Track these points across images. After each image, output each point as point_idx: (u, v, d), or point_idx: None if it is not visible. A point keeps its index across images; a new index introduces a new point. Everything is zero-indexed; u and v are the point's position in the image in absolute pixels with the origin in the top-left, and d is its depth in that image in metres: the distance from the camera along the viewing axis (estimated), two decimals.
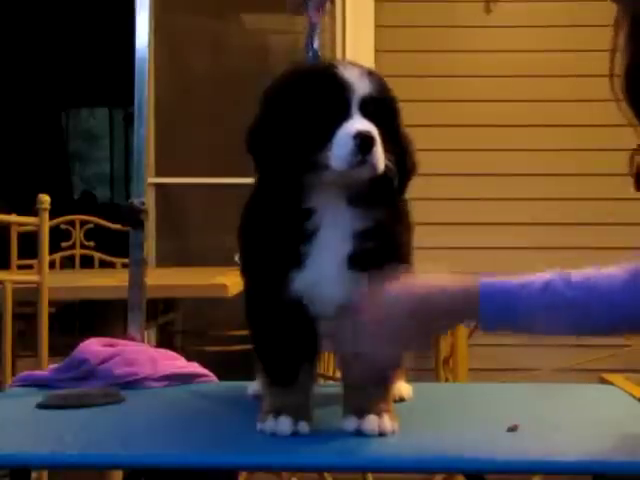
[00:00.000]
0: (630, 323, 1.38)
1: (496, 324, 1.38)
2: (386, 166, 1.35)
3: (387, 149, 1.36)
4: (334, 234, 1.39)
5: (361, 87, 1.36)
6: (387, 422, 1.40)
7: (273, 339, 1.44)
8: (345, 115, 1.34)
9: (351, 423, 1.41)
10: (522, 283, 1.38)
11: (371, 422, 1.39)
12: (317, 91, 1.36)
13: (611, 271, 1.40)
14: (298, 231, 1.39)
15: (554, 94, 4.22)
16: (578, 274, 1.40)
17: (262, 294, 1.44)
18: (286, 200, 1.38)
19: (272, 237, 1.40)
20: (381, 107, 1.38)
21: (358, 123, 1.33)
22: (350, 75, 1.37)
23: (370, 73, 1.40)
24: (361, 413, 1.40)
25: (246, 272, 1.49)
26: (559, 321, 1.38)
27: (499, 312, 1.36)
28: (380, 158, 1.33)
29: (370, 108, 1.36)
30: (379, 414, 1.40)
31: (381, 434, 1.39)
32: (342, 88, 1.35)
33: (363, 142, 1.31)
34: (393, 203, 1.43)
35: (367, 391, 1.42)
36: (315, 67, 1.44)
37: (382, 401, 1.42)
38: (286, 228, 1.39)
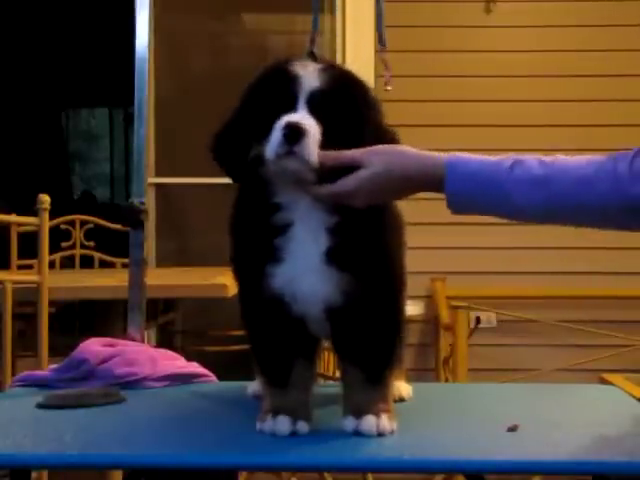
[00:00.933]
0: (596, 205, 1.39)
1: (463, 197, 1.41)
2: (322, 161, 1.33)
3: (342, 143, 1.35)
4: (308, 229, 1.38)
5: (310, 82, 1.36)
6: (385, 422, 1.40)
7: (262, 337, 1.44)
8: (290, 109, 1.34)
9: (350, 423, 1.41)
10: (493, 159, 1.44)
11: (369, 422, 1.39)
12: (268, 87, 1.38)
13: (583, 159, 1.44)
14: (271, 227, 1.38)
15: (554, 94, 4.22)
16: (550, 157, 1.45)
17: (246, 291, 1.44)
18: (256, 197, 1.38)
19: (247, 235, 1.41)
20: (335, 102, 1.36)
21: (294, 115, 1.33)
22: (301, 70, 1.37)
23: (328, 68, 1.39)
24: (360, 413, 1.40)
25: (233, 271, 1.50)
26: (527, 197, 1.40)
27: (465, 183, 1.40)
28: (312, 150, 1.32)
29: (319, 102, 1.35)
30: (377, 414, 1.40)
31: (379, 434, 1.39)
32: (290, 83, 1.36)
33: (290, 133, 1.30)
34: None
35: (366, 391, 1.42)
36: (272, 64, 1.43)
37: (381, 401, 1.42)
38: (259, 225, 1.39)
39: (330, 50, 4.38)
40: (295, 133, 1.31)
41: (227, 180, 1.47)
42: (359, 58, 4.12)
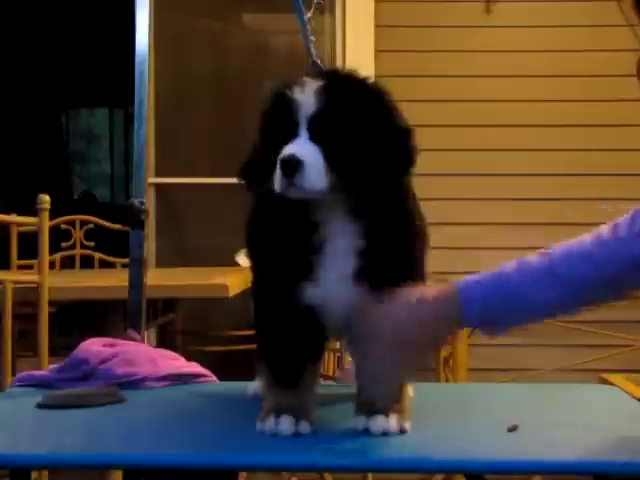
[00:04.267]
0: (604, 278, 1.40)
1: (484, 319, 1.41)
2: (333, 184, 1.34)
3: (350, 163, 1.35)
4: (341, 245, 1.40)
5: (308, 105, 1.36)
6: (393, 422, 1.40)
7: (282, 343, 1.44)
8: (293, 136, 1.36)
9: (360, 422, 1.42)
10: (496, 272, 1.44)
11: (377, 422, 1.40)
12: (272, 115, 1.39)
13: (582, 237, 1.45)
14: (307, 243, 1.40)
15: (554, 94, 4.22)
16: (551, 247, 1.46)
17: (274, 301, 1.45)
18: (292, 214, 1.40)
19: (283, 247, 1.42)
20: (337, 121, 1.36)
21: (291, 146, 1.34)
22: (299, 94, 1.37)
23: (328, 85, 1.37)
24: (371, 412, 1.41)
25: (257, 279, 1.51)
26: (543, 291, 1.40)
27: (482, 305, 1.40)
28: (312, 179, 1.33)
29: (320, 126, 1.35)
30: (389, 414, 1.40)
31: (388, 434, 1.39)
32: (289, 109, 1.37)
33: (286, 167, 1.33)
34: (396, 209, 1.43)
35: (378, 391, 1.42)
36: (276, 88, 1.42)
37: (395, 400, 1.43)
38: (295, 240, 1.41)
39: (330, 50, 4.38)
40: (290, 166, 1.33)
41: (226, 180, 1.47)
42: (359, 58, 4.12)
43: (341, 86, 1.39)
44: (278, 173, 1.33)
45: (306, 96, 1.37)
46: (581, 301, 1.44)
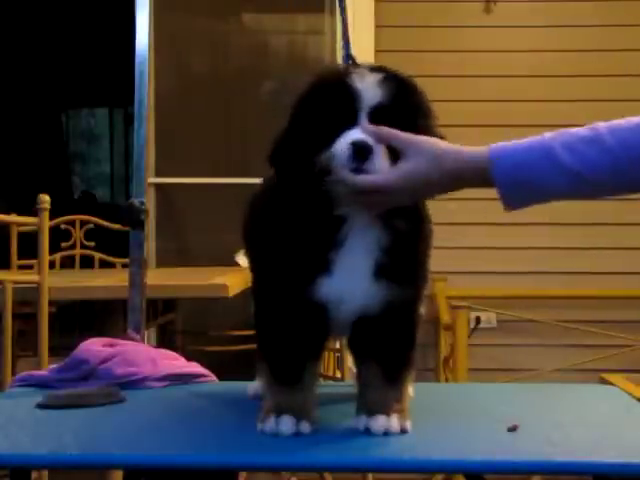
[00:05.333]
0: None
1: (512, 180, 1.36)
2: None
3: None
4: (361, 242, 1.39)
5: (370, 96, 1.36)
6: (395, 422, 1.40)
7: (283, 342, 1.44)
8: (351, 125, 1.35)
9: (361, 421, 1.42)
10: (533, 138, 1.41)
11: (380, 421, 1.40)
12: (326, 100, 1.37)
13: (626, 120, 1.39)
14: (326, 238, 1.39)
15: (554, 94, 4.22)
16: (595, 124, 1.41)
17: (279, 298, 1.43)
18: (314, 206, 1.38)
19: (299, 241, 1.39)
20: (396, 116, 1.37)
21: (358, 133, 1.33)
22: (360, 83, 1.36)
23: (386, 79, 1.38)
24: (372, 412, 1.41)
25: (262, 275, 1.49)
26: (581, 157, 1.35)
27: (514, 164, 1.36)
28: (380, 167, 1.33)
29: (380, 118, 1.35)
30: (389, 414, 1.41)
31: (386, 433, 1.39)
32: (350, 97, 1.36)
33: (359, 150, 1.32)
34: (418, 209, 1.45)
35: (382, 390, 1.43)
36: (330, 75, 1.42)
37: (396, 401, 1.43)
38: (314, 234, 1.39)
39: (330, 50, 4.38)
40: (363, 151, 1.32)
41: (227, 180, 1.47)
42: (359, 58, 4.12)
43: (396, 81, 1.40)
44: (344, 156, 1.32)
45: (367, 86, 1.36)
46: (619, 177, 1.36)
